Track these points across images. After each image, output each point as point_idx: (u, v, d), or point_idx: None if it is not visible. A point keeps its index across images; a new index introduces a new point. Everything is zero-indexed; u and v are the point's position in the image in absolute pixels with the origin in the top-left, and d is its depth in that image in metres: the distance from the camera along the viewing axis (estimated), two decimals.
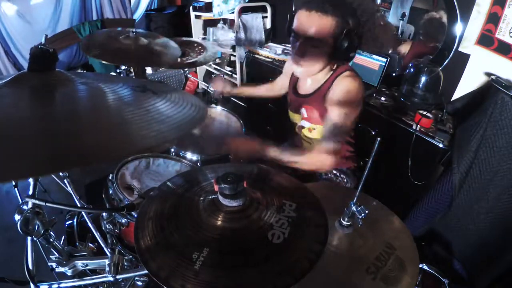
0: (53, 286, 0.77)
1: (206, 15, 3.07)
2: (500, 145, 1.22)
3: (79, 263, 0.81)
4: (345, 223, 0.77)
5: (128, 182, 1.11)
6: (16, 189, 0.88)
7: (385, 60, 1.86)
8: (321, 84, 1.19)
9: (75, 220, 1.24)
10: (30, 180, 0.68)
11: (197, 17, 3.23)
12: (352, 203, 0.75)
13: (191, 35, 3.34)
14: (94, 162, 0.44)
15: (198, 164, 1.30)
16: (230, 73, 3.05)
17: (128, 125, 0.55)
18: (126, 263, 1.03)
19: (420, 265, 1.14)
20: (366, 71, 1.91)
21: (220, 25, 3.08)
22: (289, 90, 1.37)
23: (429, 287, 1.20)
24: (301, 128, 1.33)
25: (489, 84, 1.36)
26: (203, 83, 2.80)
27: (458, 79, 1.69)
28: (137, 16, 3.53)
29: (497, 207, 1.28)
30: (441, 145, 1.46)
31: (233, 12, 2.64)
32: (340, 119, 1.07)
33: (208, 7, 2.91)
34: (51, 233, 0.76)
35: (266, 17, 2.77)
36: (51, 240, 0.78)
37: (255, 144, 1.13)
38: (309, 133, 1.29)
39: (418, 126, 1.51)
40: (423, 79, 1.66)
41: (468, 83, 1.64)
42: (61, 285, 0.78)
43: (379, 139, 0.68)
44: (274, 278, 0.52)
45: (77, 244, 1.07)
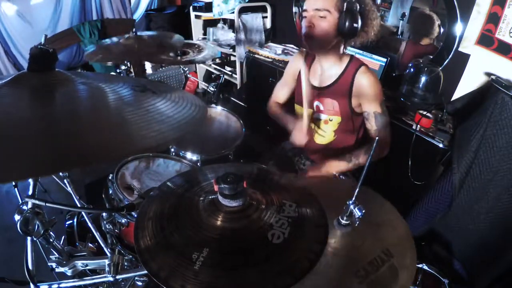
0: (53, 286, 0.77)
1: (206, 15, 3.07)
2: (500, 145, 1.22)
3: (79, 263, 0.81)
4: (343, 222, 0.77)
5: (128, 182, 1.11)
6: (16, 189, 0.88)
7: (385, 60, 1.86)
8: (339, 75, 1.25)
9: (75, 220, 1.24)
10: (30, 180, 0.68)
11: (197, 17, 3.23)
12: (350, 201, 0.74)
13: (191, 35, 3.34)
14: (94, 162, 0.44)
15: (198, 164, 1.30)
16: (230, 73, 3.05)
17: (128, 125, 0.55)
18: (126, 263, 1.03)
19: (420, 265, 1.15)
20: None
21: (220, 25, 3.09)
22: (301, 84, 1.36)
23: (429, 287, 1.20)
24: (316, 120, 1.34)
25: (489, 84, 1.36)
26: (203, 83, 2.80)
27: (458, 79, 1.69)
28: (137, 16, 3.53)
29: (497, 207, 1.28)
30: (441, 145, 1.46)
31: (233, 12, 2.64)
32: (381, 109, 1.22)
33: (208, 7, 2.91)
34: (51, 233, 0.76)
35: (266, 17, 2.77)
36: (51, 240, 0.77)
37: (325, 169, 1.23)
38: (325, 125, 1.32)
39: (418, 126, 1.51)
40: (423, 79, 1.66)
41: (468, 83, 1.64)
42: (61, 285, 0.78)
43: (378, 138, 0.69)
44: (274, 278, 0.52)
45: (77, 244, 1.06)
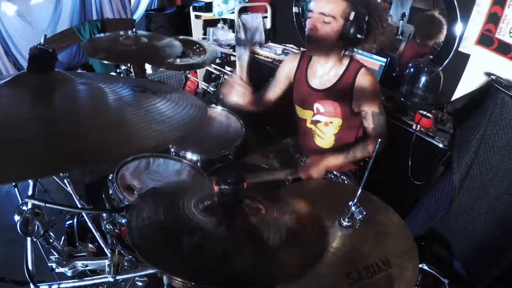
0: (53, 287, 0.76)
1: (206, 15, 3.06)
2: (500, 145, 1.22)
3: (79, 264, 0.81)
4: (344, 223, 0.77)
5: (128, 182, 1.11)
6: (16, 189, 0.88)
7: (385, 60, 1.86)
8: (338, 78, 1.23)
9: (75, 220, 1.24)
10: (30, 180, 0.68)
11: (197, 17, 3.22)
12: (352, 203, 0.74)
13: (191, 35, 3.34)
14: (94, 162, 0.44)
15: (198, 164, 1.30)
16: (230, 73, 3.05)
17: (128, 125, 0.55)
18: (126, 264, 1.02)
19: (420, 265, 1.14)
20: None
21: (220, 25, 3.08)
22: (299, 86, 1.36)
23: (429, 287, 1.20)
24: (316, 122, 1.33)
25: (489, 84, 1.36)
26: (203, 83, 2.80)
27: (458, 79, 1.69)
28: (137, 16, 3.52)
29: (497, 207, 1.28)
30: (441, 145, 1.46)
31: (233, 12, 2.64)
32: (379, 109, 1.22)
33: (208, 7, 2.91)
34: (51, 233, 0.76)
35: (266, 17, 2.77)
36: (51, 240, 0.77)
37: (324, 161, 1.21)
38: (326, 127, 1.31)
39: (418, 126, 1.51)
40: (423, 79, 1.66)
41: (468, 83, 1.64)
42: (61, 286, 0.78)
43: (380, 140, 0.69)
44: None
45: (77, 244, 1.06)
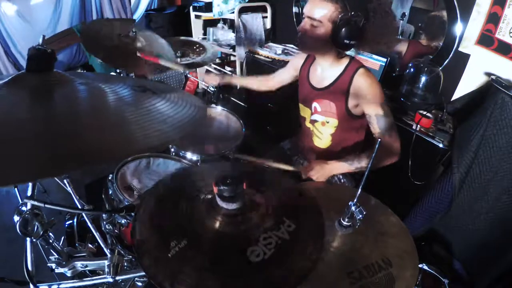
0: (52, 287, 0.76)
1: (206, 15, 3.06)
2: (500, 145, 1.22)
3: (79, 264, 0.81)
4: (344, 223, 0.77)
5: (128, 182, 1.11)
6: (16, 189, 0.88)
7: (385, 60, 1.86)
8: (336, 77, 1.22)
9: (74, 221, 1.24)
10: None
11: (197, 17, 3.22)
12: (352, 203, 0.74)
13: (191, 35, 3.34)
14: (95, 162, 0.44)
15: (198, 164, 1.30)
16: (230, 73, 3.05)
17: (129, 125, 0.55)
18: (125, 264, 1.02)
19: (420, 265, 1.14)
20: None
21: (220, 25, 3.08)
22: (302, 83, 1.37)
23: (429, 287, 1.20)
24: (314, 122, 1.33)
25: (489, 84, 1.36)
26: (203, 83, 2.79)
27: (458, 79, 1.68)
28: (137, 16, 3.52)
29: (497, 207, 1.28)
30: (441, 145, 1.46)
31: (233, 12, 2.64)
32: (382, 110, 1.18)
33: (208, 7, 2.91)
34: (50, 234, 0.76)
35: (266, 17, 2.77)
36: (51, 241, 0.77)
37: (328, 167, 1.21)
38: (322, 126, 1.31)
39: (418, 126, 1.51)
40: (423, 79, 1.66)
41: (468, 83, 1.64)
42: (61, 286, 0.78)
43: (380, 140, 0.68)
44: None
45: (77, 244, 1.06)
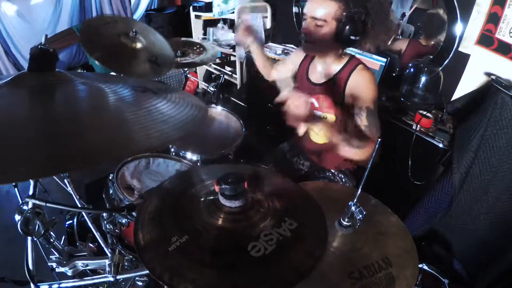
0: (53, 286, 0.76)
1: (206, 15, 3.06)
2: (500, 145, 1.22)
3: (79, 263, 0.81)
4: (344, 223, 0.77)
5: (128, 182, 1.11)
6: (16, 189, 0.88)
7: (385, 60, 1.86)
8: (335, 73, 1.23)
9: (75, 220, 1.24)
10: (30, 180, 0.68)
11: (197, 17, 3.22)
12: (352, 203, 0.75)
13: (191, 35, 3.34)
14: (96, 162, 0.44)
15: (198, 164, 1.30)
16: (230, 73, 3.05)
17: (130, 125, 0.55)
18: (126, 263, 1.03)
19: (420, 265, 1.15)
20: None
21: (220, 25, 3.08)
22: (300, 80, 1.36)
23: (429, 287, 1.20)
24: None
25: (489, 84, 1.36)
26: (203, 83, 2.80)
27: (458, 79, 1.69)
28: (137, 16, 3.52)
29: (497, 207, 1.28)
30: (441, 145, 1.46)
31: (233, 12, 2.64)
32: (373, 107, 1.15)
33: (208, 7, 2.91)
34: (51, 233, 0.76)
35: (266, 17, 2.77)
36: (51, 240, 0.77)
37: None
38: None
39: (418, 126, 1.51)
40: (423, 79, 1.66)
41: (468, 83, 1.64)
42: (61, 285, 0.78)
43: (380, 140, 0.68)
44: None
45: (78, 244, 1.06)
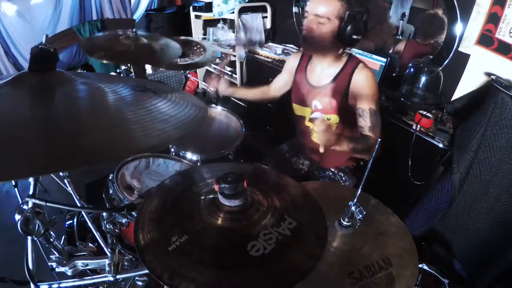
0: (53, 286, 0.77)
1: (206, 15, 3.06)
2: (500, 145, 1.22)
3: (79, 263, 0.81)
4: (344, 223, 0.77)
5: (128, 182, 1.11)
6: (16, 189, 0.88)
7: (385, 60, 1.86)
8: (336, 74, 1.23)
9: (75, 220, 1.24)
10: (31, 180, 0.68)
11: (197, 17, 3.23)
12: (352, 203, 0.75)
13: (191, 35, 3.34)
14: (96, 162, 0.44)
15: (198, 164, 1.30)
16: (230, 73, 3.05)
17: (130, 125, 0.55)
18: (126, 263, 1.03)
19: (420, 265, 1.14)
20: None
21: (220, 25, 3.08)
22: (299, 83, 1.36)
23: (429, 287, 1.20)
24: (313, 120, 1.33)
25: (489, 84, 1.36)
26: (203, 83, 2.80)
27: (458, 79, 1.69)
28: (137, 16, 3.53)
29: (497, 207, 1.28)
30: (441, 145, 1.46)
31: (233, 12, 2.64)
32: (376, 106, 1.18)
33: (208, 7, 2.91)
34: (51, 233, 0.76)
35: (266, 17, 2.77)
36: (51, 240, 0.77)
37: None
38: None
39: (418, 126, 1.51)
40: (423, 79, 1.66)
41: (468, 83, 1.64)
42: (61, 285, 0.78)
43: (380, 139, 0.69)
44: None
45: (77, 244, 1.06)
